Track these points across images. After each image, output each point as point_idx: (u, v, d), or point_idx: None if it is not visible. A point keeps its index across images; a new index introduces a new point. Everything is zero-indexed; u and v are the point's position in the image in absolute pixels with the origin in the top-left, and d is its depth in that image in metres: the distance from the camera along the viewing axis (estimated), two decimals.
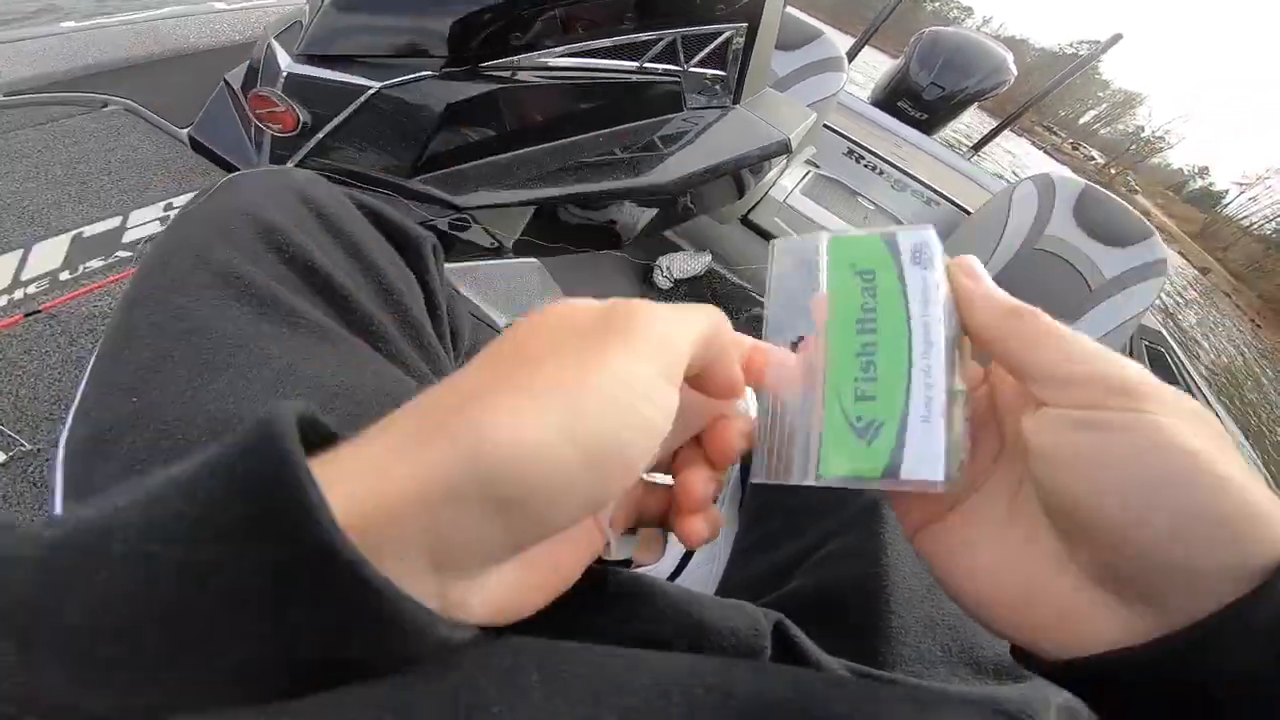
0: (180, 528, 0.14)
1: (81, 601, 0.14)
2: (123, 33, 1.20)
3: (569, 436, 0.17)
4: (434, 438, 0.17)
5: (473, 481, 0.17)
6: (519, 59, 0.91)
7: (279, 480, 0.14)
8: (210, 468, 0.15)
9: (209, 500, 0.15)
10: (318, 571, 0.15)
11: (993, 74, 2.57)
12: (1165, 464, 0.19)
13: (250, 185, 0.39)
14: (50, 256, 0.87)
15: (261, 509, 0.14)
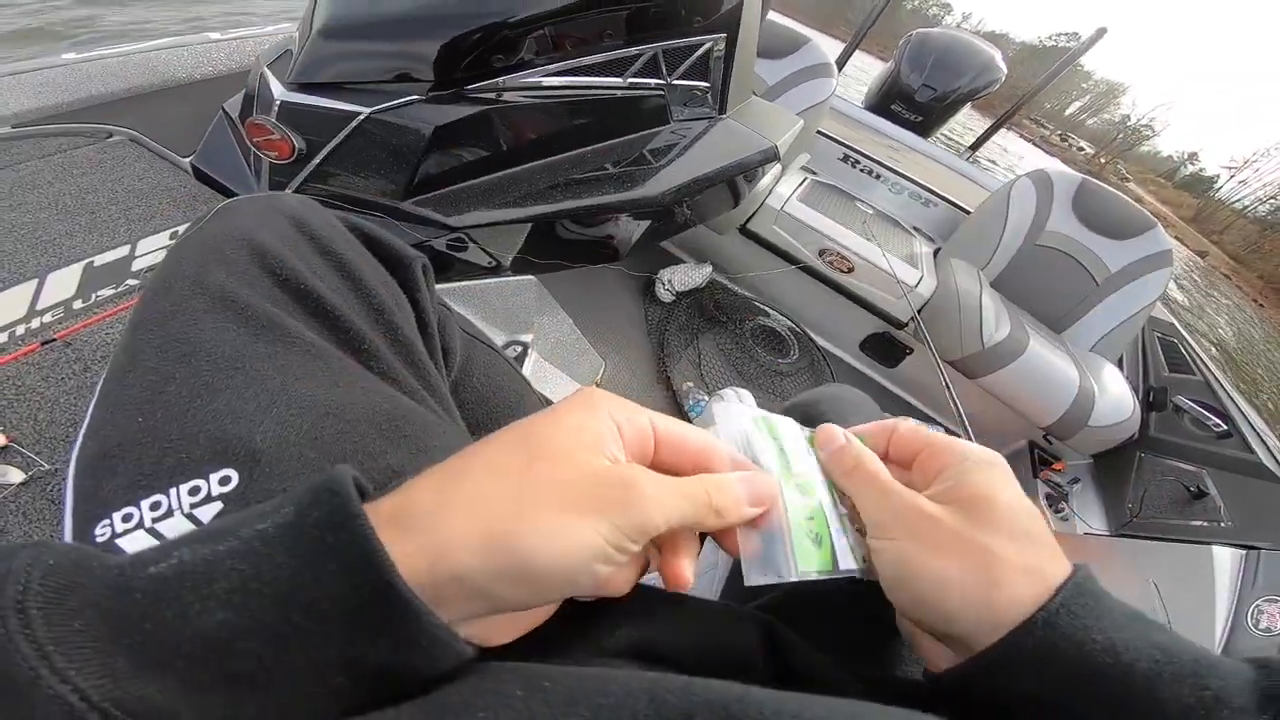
0: (280, 588, 0.20)
1: (193, 628, 0.19)
2: (122, 64, 1.22)
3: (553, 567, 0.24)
4: (477, 541, 0.23)
5: (493, 580, 0.23)
6: (503, 80, 0.93)
7: (368, 560, 0.21)
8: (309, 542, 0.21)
9: (308, 564, 0.21)
10: (398, 621, 0.21)
11: (983, 73, 2.56)
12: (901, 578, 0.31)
13: (244, 211, 0.40)
14: (64, 285, 0.90)
15: (355, 584, 0.21)
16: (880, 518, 0.33)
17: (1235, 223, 54.73)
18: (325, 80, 0.91)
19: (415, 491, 0.25)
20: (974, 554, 0.30)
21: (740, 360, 1.81)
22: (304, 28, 0.94)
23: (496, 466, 0.25)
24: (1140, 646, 0.27)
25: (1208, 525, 1.39)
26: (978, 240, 2.05)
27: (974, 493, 0.32)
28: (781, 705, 0.24)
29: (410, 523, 0.23)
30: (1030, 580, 0.29)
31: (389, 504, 0.24)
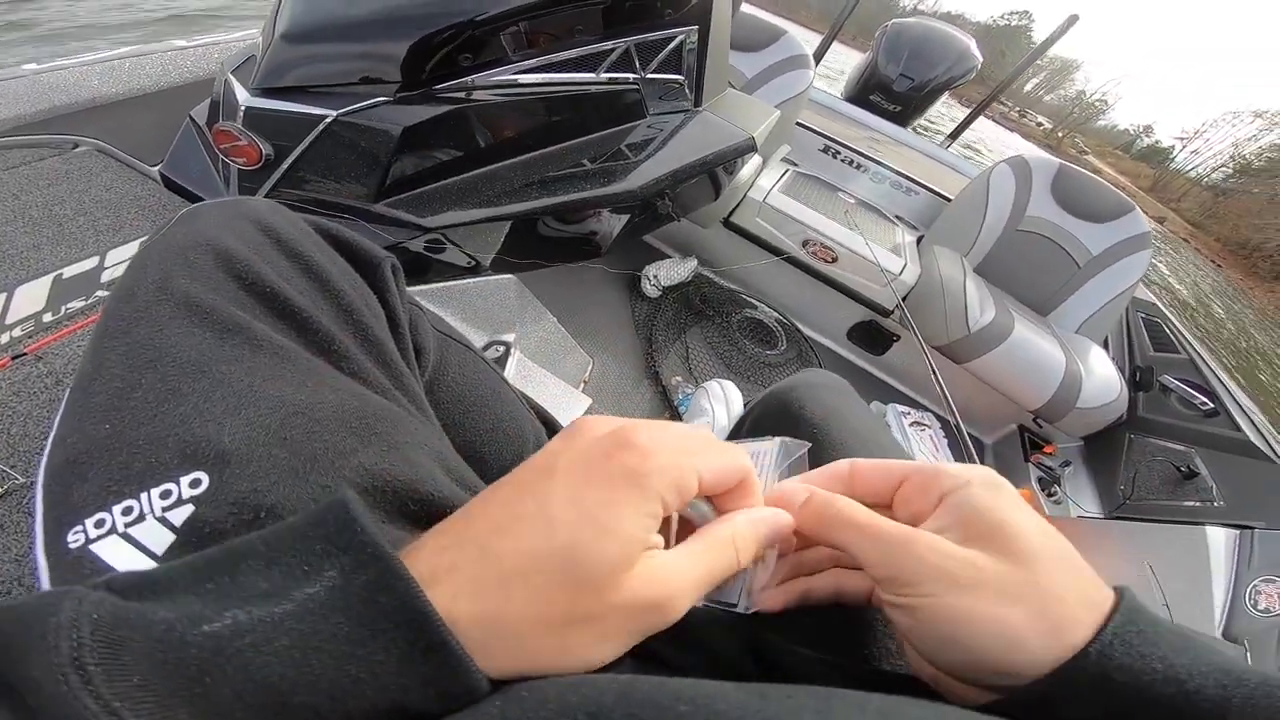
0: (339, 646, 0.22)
1: (254, 683, 0.20)
2: (85, 73, 1.20)
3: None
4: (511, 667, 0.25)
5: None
6: (473, 79, 0.92)
7: (422, 620, 0.22)
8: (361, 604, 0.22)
9: (364, 624, 0.22)
10: (448, 674, 0.23)
11: (959, 62, 2.58)
12: (952, 637, 0.28)
13: (208, 215, 0.40)
14: (33, 299, 0.89)
15: (410, 640, 0.22)
16: (898, 571, 0.30)
17: (1191, 190, 57.02)
18: (290, 84, 0.89)
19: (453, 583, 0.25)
20: (1033, 596, 0.28)
21: (728, 353, 1.81)
22: (267, 32, 0.93)
23: (541, 597, 0.25)
24: (1204, 671, 0.25)
25: (1200, 505, 1.39)
26: (960, 227, 2.06)
27: (995, 522, 0.30)
28: (745, 700, 0.24)
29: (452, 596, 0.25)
30: (1090, 611, 0.27)
31: (426, 564, 0.25)
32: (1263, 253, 40.98)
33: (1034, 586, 0.28)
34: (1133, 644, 0.26)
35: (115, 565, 0.27)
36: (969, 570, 0.28)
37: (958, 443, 1.73)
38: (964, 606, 0.28)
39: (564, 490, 0.26)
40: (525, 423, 0.62)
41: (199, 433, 0.30)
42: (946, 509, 0.32)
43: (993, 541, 0.29)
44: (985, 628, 0.27)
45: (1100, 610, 0.27)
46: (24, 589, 0.61)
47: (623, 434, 0.28)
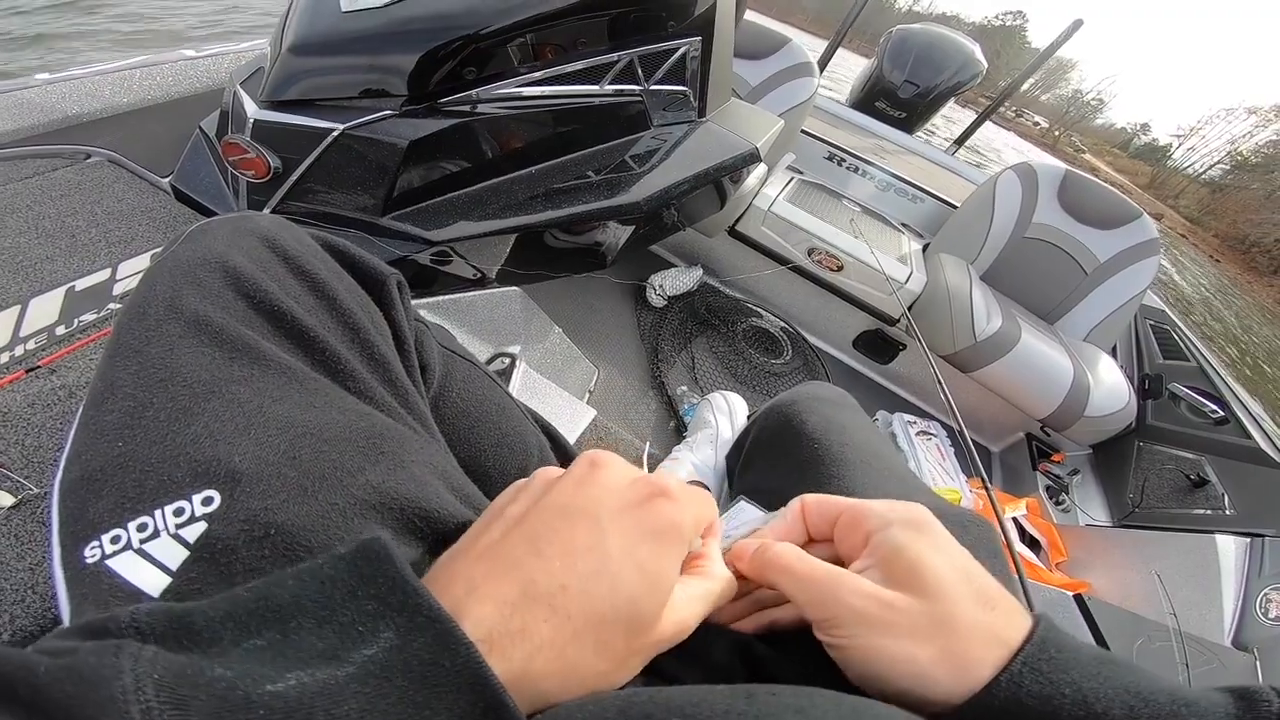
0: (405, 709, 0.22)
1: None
2: (97, 83, 1.21)
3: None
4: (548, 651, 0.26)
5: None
6: (477, 92, 0.93)
7: (481, 683, 0.23)
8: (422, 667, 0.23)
9: (426, 685, 0.23)
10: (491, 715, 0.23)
11: (964, 67, 2.58)
12: (875, 674, 0.31)
13: (216, 233, 0.40)
14: (47, 311, 0.90)
15: (471, 701, 0.23)
16: (826, 614, 0.33)
17: (1188, 187, 57.43)
18: (297, 97, 0.90)
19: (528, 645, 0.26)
20: (939, 635, 0.30)
21: (734, 362, 1.81)
22: (275, 45, 0.94)
23: (609, 648, 0.27)
24: (1112, 694, 0.27)
25: (1211, 513, 1.38)
26: (965, 234, 2.06)
27: (912, 562, 0.32)
28: (731, 704, 0.26)
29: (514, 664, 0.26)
30: (996, 648, 0.30)
31: (487, 626, 0.26)
32: (1261, 247, 41.25)
33: (941, 626, 0.30)
34: (1043, 671, 0.28)
35: (131, 580, 0.27)
36: (886, 613, 0.31)
37: (964, 452, 1.72)
38: (878, 647, 0.31)
39: (618, 543, 0.29)
40: (529, 436, 0.63)
41: (210, 452, 0.31)
42: (870, 549, 0.35)
43: (910, 583, 0.32)
44: (898, 667, 0.30)
45: (1009, 645, 0.30)
46: (37, 596, 0.62)
47: (654, 483, 0.31)
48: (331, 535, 0.31)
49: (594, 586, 0.27)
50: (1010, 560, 0.57)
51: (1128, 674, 0.28)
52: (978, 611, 0.31)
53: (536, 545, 0.28)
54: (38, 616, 0.60)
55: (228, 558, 0.28)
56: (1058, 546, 1.51)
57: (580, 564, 0.27)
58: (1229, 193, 51.05)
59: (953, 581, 0.32)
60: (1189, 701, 0.27)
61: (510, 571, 0.27)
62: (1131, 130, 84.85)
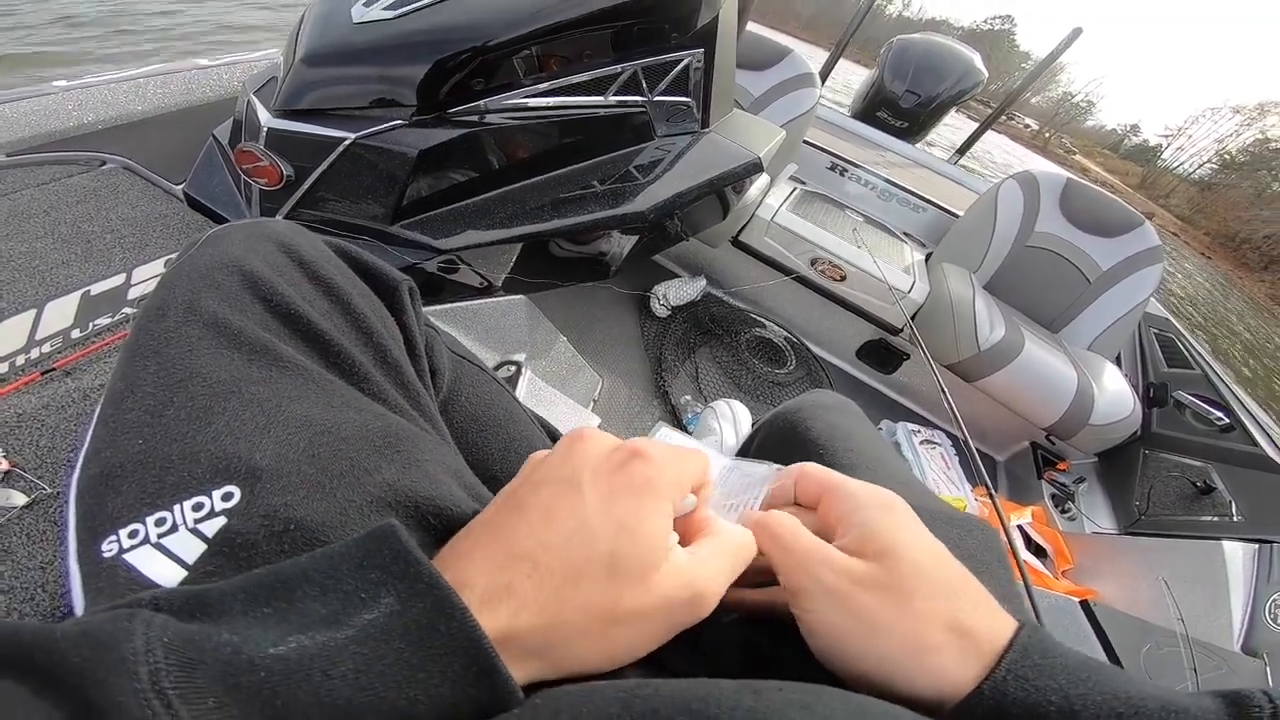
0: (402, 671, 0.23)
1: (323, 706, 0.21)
2: (112, 91, 1.24)
3: None
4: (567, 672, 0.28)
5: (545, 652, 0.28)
6: (485, 103, 0.95)
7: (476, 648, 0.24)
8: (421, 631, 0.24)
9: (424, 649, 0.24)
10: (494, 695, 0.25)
11: (965, 76, 2.59)
12: (831, 650, 0.32)
13: (233, 238, 0.41)
14: (62, 315, 0.91)
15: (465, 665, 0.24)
16: (797, 584, 0.33)
17: (1179, 187, 57.94)
18: (310, 106, 0.92)
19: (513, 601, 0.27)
20: (898, 622, 0.31)
21: (737, 372, 1.81)
22: (288, 54, 0.96)
23: (590, 602, 0.27)
24: (1100, 700, 0.27)
25: (1218, 520, 1.38)
26: (968, 243, 2.06)
27: (883, 545, 0.33)
28: (739, 697, 0.25)
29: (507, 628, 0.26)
30: (961, 643, 0.30)
31: (480, 588, 0.27)
32: (1251, 244, 41.50)
33: (903, 611, 0.31)
34: (1028, 678, 0.28)
35: (147, 573, 0.28)
36: (853, 590, 0.32)
37: (969, 461, 1.72)
38: (840, 624, 0.31)
39: (596, 503, 0.29)
40: (537, 442, 0.63)
41: (230, 449, 0.31)
42: (844, 525, 0.35)
43: (877, 559, 0.32)
44: (853, 645, 0.31)
45: (981, 645, 0.30)
46: (47, 595, 0.63)
47: (631, 447, 0.31)
48: (349, 531, 0.31)
49: (573, 542, 0.28)
50: (1015, 566, 0.57)
51: (1116, 680, 0.28)
52: (942, 601, 0.31)
53: (522, 512, 0.29)
54: (47, 615, 0.61)
55: (247, 552, 0.29)
56: (1064, 554, 1.51)
57: (560, 524, 0.28)
58: (1218, 191, 51.42)
59: (917, 567, 0.32)
60: (1179, 709, 0.26)
61: (498, 538, 0.28)
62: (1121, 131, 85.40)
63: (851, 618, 0.31)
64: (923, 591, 0.31)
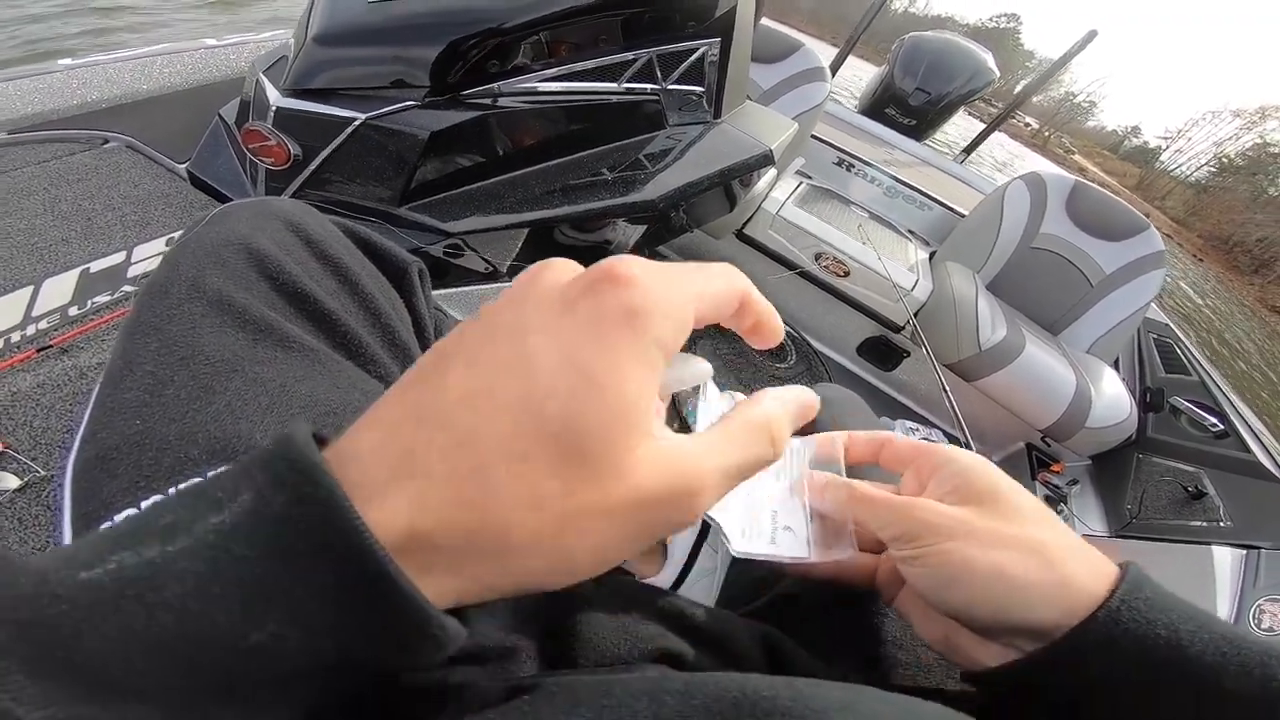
0: (245, 589, 0.17)
1: (142, 643, 0.16)
2: (118, 70, 1.23)
3: None
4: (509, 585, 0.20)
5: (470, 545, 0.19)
6: (498, 85, 0.94)
7: (355, 546, 0.17)
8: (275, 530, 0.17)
9: (277, 556, 0.17)
10: (394, 617, 0.18)
11: (976, 76, 2.57)
12: (953, 578, 0.30)
13: (240, 215, 0.40)
14: (60, 292, 0.90)
15: (338, 575, 0.17)
16: (901, 530, 0.32)
17: (1175, 189, 58.51)
18: (321, 86, 0.91)
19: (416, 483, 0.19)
20: (1021, 542, 0.30)
21: (738, 365, 1.81)
22: (299, 34, 0.95)
23: (533, 489, 0.19)
24: (1206, 639, 0.27)
25: (1207, 525, 1.39)
26: (972, 243, 2.06)
27: (984, 488, 0.33)
28: (776, 691, 0.24)
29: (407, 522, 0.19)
30: (1086, 561, 0.30)
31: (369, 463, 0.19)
32: (1243, 247, 42.06)
33: (1022, 534, 0.30)
34: (1140, 610, 0.28)
35: None
36: (961, 524, 0.31)
37: None
38: (958, 550, 0.30)
39: (544, 336, 0.20)
40: None
41: (231, 429, 0.31)
42: (940, 480, 0.34)
43: (984, 502, 0.32)
44: (980, 565, 0.30)
45: (1107, 577, 0.29)
46: None
47: (607, 266, 0.21)
48: None
49: (508, 399, 0.19)
50: None
51: (1219, 623, 0.28)
52: (1066, 536, 0.31)
53: (444, 363, 0.20)
54: None
55: None
56: None
57: (489, 374, 0.19)
58: (1214, 194, 51.95)
59: (1023, 504, 0.32)
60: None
61: (405, 400, 0.20)
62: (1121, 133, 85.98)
63: (978, 549, 0.30)
64: (1033, 521, 0.31)
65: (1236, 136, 63.13)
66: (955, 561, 0.30)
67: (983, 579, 0.29)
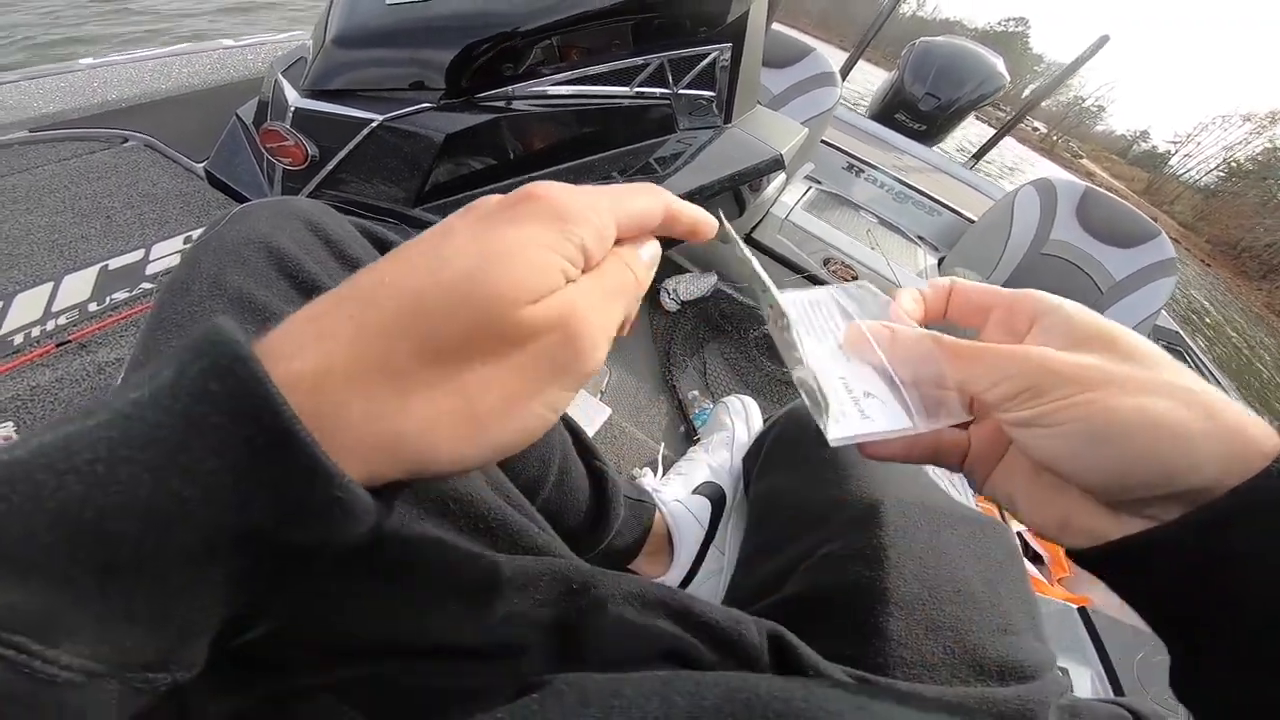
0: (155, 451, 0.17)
1: (47, 512, 0.16)
2: (137, 70, 1.25)
3: None
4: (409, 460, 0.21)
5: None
6: (513, 88, 0.94)
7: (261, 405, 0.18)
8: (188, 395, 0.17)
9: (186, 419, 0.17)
10: (301, 480, 0.18)
11: (986, 81, 2.57)
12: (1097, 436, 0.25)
13: (260, 214, 0.41)
14: (79, 288, 0.92)
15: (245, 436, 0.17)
16: (1027, 383, 0.27)
17: (1183, 194, 58.27)
18: (339, 87, 0.92)
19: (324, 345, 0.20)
20: (1171, 388, 0.25)
21: (745, 369, 1.81)
22: (318, 35, 0.96)
23: (431, 338, 0.20)
24: None
25: None
26: (982, 249, 2.06)
27: (1100, 332, 0.27)
28: (789, 692, 0.24)
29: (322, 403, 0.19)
30: (1243, 411, 0.25)
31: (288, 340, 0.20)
32: (1251, 252, 41.72)
33: (1178, 385, 0.25)
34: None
35: None
36: (1098, 370, 0.26)
37: None
38: (1101, 400, 0.25)
39: (462, 234, 0.22)
40: (553, 430, 0.63)
41: None
42: (1044, 328, 0.29)
43: (1107, 349, 0.27)
44: (1132, 416, 0.24)
45: (1272, 433, 0.24)
46: None
47: (526, 186, 0.24)
48: None
49: (416, 268, 0.21)
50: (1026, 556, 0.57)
51: None
52: (1194, 379, 0.26)
53: (376, 266, 0.22)
54: None
55: None
56: (1060, 563, 1.51)
57: (406, 259, 0.22)
58: (1223, 199, 51.56)
59: (1162, 352, 0.27)
60: None
61: (339, 290, 0.22)
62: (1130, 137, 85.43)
63: (1110, 396, 0.25)
64: (1168, 366, 0.26)
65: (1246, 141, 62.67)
66: (1099, 415, 0.25)
67: (1138, 432, 0.24)
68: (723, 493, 0.84)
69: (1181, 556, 0.24)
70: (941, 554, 0.49)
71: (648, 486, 0.85)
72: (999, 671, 0.42)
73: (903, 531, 0.50)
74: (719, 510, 0.82)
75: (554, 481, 0.60)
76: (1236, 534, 0.23)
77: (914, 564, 0.47)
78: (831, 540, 0.53)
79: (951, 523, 0.54)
